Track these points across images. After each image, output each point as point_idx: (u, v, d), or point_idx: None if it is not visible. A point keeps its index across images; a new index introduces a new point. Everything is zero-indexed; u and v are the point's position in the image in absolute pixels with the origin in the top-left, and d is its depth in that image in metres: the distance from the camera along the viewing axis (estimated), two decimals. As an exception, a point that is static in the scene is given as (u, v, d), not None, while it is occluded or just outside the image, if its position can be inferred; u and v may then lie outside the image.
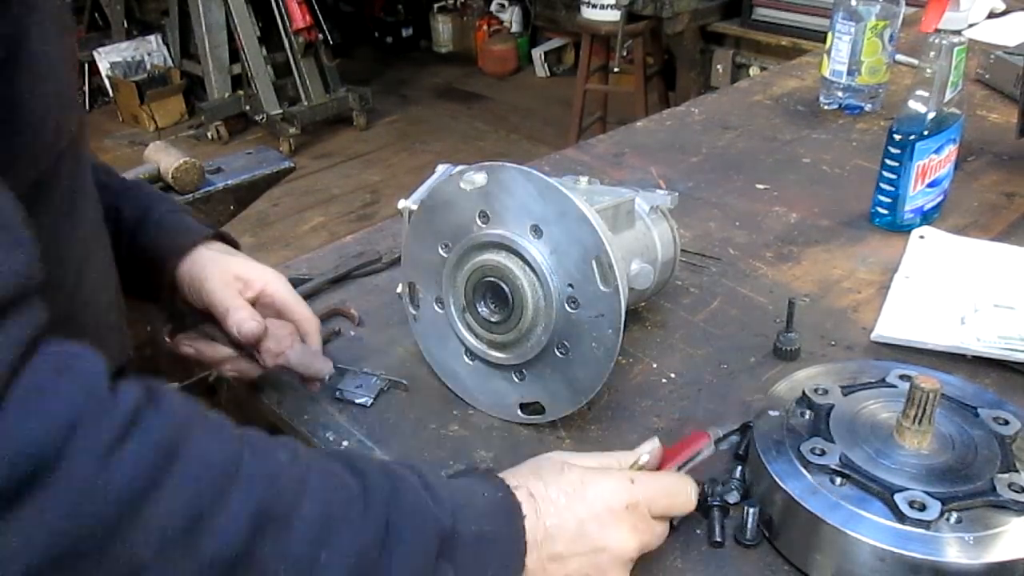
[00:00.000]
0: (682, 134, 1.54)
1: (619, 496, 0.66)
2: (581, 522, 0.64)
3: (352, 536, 0.54)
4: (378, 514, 0.56)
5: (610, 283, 0.77)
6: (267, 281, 0.88)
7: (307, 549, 0.52)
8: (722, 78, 4.03)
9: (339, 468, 0.58)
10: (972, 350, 0.93)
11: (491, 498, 0.63)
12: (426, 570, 0.57)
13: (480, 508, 0.62)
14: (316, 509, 0.54)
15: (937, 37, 1.10)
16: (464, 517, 0.60)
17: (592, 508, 0.65)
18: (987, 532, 0.65)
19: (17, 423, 0.43)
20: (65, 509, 0.44)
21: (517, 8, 5.64)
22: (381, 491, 0.58)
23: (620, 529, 0.65)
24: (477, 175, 0.81)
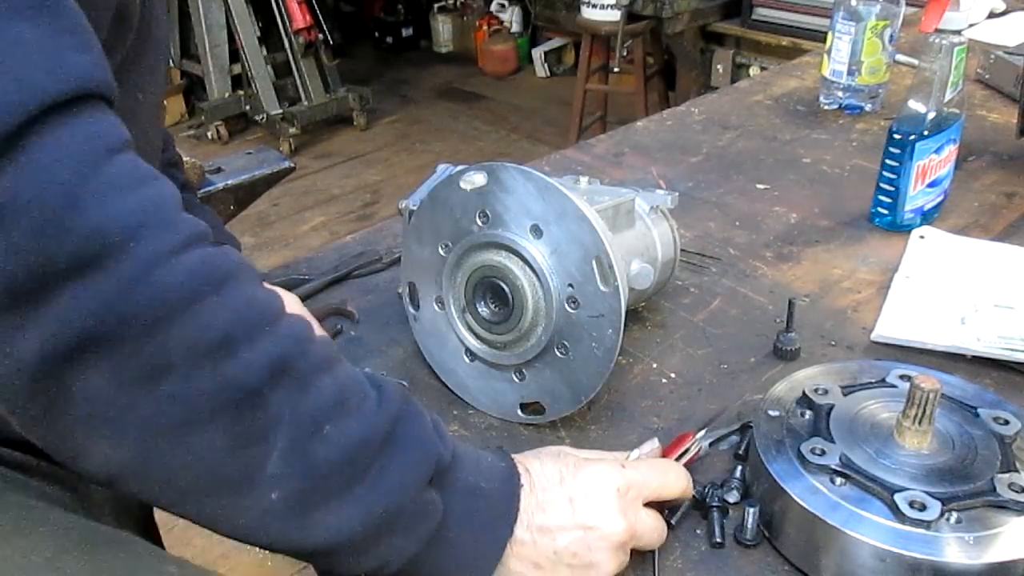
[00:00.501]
0: (682, 134, 1.54)
1: (609, 477, 0.67)
2: (571, 499, 0.65)
3: (358, 425, 0.56)
4: (386, 420, 0.58)
5: (610, 283, 0.77)
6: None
7: (316, 415, 0.54)
8: (722, 78, 4.03)
9: (362, 376, 0.60)
10: (972, 350, 0.93)
11: (492, 462, 0.65)
12: (416, 488, 0.58)
13: (480, 465, 0.64)
14: (333, 387, 0.55)
15: (937, 37, 1.10)
16: (463, 465, 0.62)
17: (583, 487, 0.66)
18: (987, 532, 0.65)
19: (95, 206, 0.46)
20: (114, 293, 0.47)
21: (517, 8, 5.64)
22: (394, 404, 0.59)
23: (609, 509, 0.66)
24: (477, 175, 0.81)
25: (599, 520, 0.65)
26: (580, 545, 0.65)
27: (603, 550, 0.65)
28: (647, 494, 0.69)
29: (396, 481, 0.57)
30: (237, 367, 0.50)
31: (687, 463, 0.77)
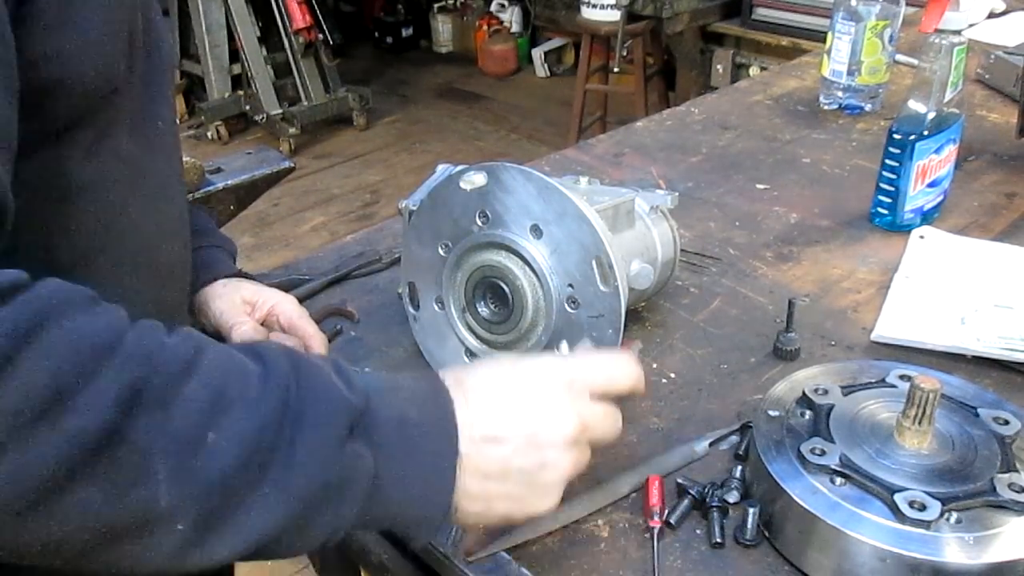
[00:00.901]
0: (682, 134, 1.54)
1: (553, 372, 0.63)
2: (515, 400, 0.61)
3: (246, 416, 0.51)
4: (276, 395, 0.53)
5: (610, 283, 0.77)
6: (276, 302, 0.91)
7: (191, 429, 0.49)
8: (722, 78, 4.02)
9: (237, 352, 0.55)
10: (972, 350, 0.93)
11: (414, 385, 0.60)
12: (336, 450, 0.54)
13: (402, 394, 0.59)
14: (203, 389, 0.50)
15: (937, 37, 1.10)
16: (382, 401, 0.57)
17: (526, 386, 0.62)
18: (987, 532, 0.65)
19: None
20: None
21: (517, 8, 5.64)
22: (281, 373, 0.54)
23: (555, 404, 0.61)
24: (477, 175, 0.81)
25: (546, 418, 0.61)
26: (530, 447, 0.60)
27: (555, 447, 0.61)
28: (597, 387, 0.64)
29: (307, 455, 0.52)
30: (78, 418, 0.45)
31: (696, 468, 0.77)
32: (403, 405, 0.58)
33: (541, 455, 0.60)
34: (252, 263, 3.57)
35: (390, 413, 0.57)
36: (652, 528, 0.74)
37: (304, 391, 0.54)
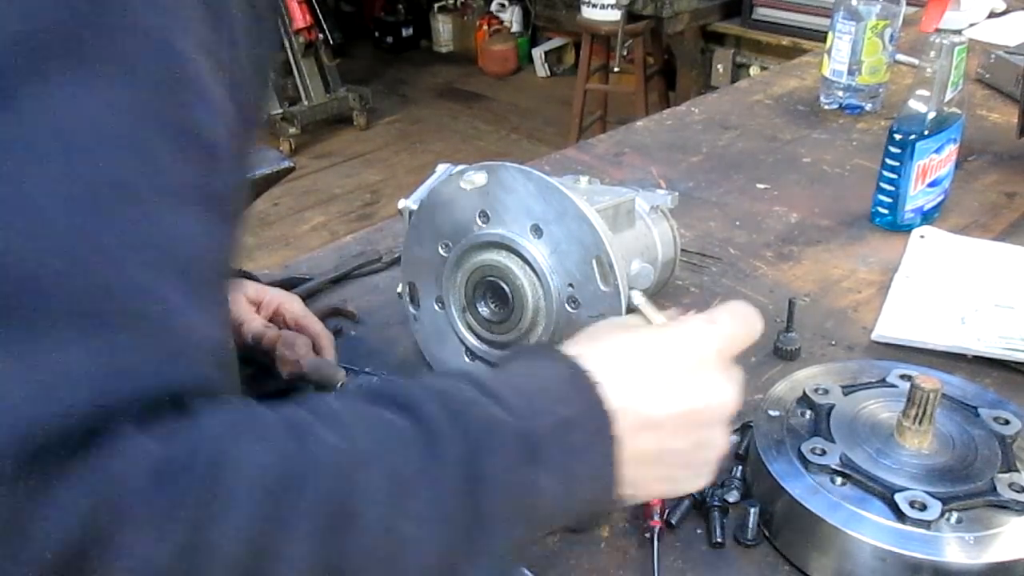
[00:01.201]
0: (682, 134, 1.54)
1: (707, 340, 0.57)
2: (668, 378, 0.55)
3: (430, 490, 0.46)
4: (449, 450, 0.47)
5: (610, 283, 0.77)
6: (281, 301, 0.91)
7: (385, 533, 0.44)
8: (722, 78, 4.03)
9: (383, 412, 0.48)
10: (972, 350, 0.93)
11: (557, 375, 0.53)
12: (521, 487, 0.49)
13: (551, 392, 0.52)
14: (379, 480, 0.45)
15: (937, 37, 1.10)
16: (538, 409, 0.51)
17: (677, 359, 0.55)
18: (988, 532, 0.65)
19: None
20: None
21: (517, 8, 5.63)
22: (441, 421, 0.47)
23: (716, 380, 0.56)
24: (477, 175, 0.81)
25: (705, 394, 0.55)
26: (688, 427, 0.55)
27: (714, 425, 0.57)
28: (738, 348, 0.59)
29: (497, 511, 0.48)
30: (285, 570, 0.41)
31: None
32: (557, 408, 0.51)
33: (699, 435, 0.56)
34: (252, 263, 3.54)
35: (548, 422, 0.51)
36: (652, 528, 0.74)
37: (472, 436, 0.48)
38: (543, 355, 0.56)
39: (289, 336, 0.88)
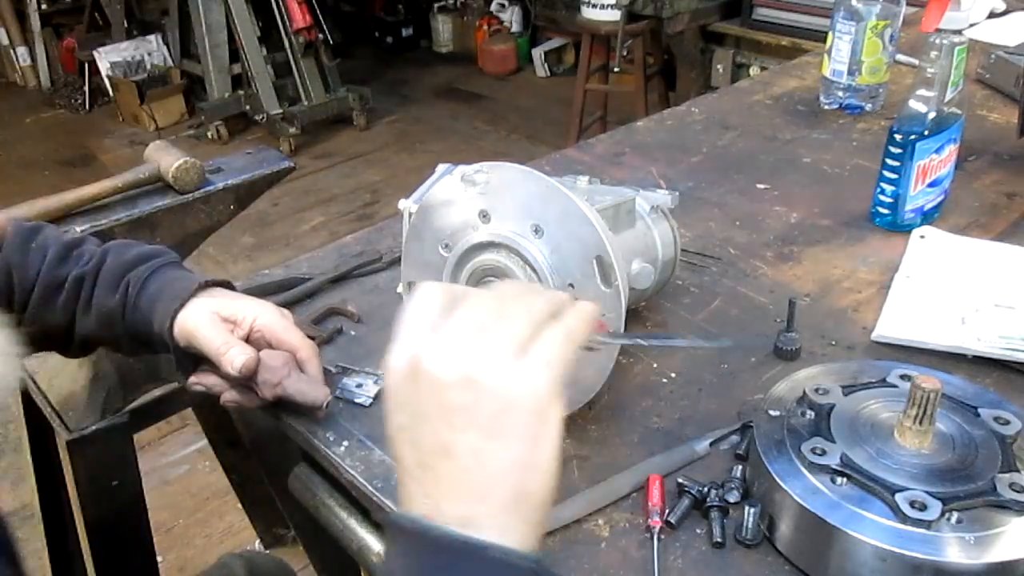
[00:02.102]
0: (682, 134, 1.54)
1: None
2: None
3: None
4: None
5: (611, 283, 0.77)
6: (256, 315, 0.88)
7: None
8: (722, 78, 4.03)
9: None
10: (973, 350, 0.93)
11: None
12: None
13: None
14: None
15: (938, 37, 1.10)
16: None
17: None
18: (988, 532, 0.65)
19: None
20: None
21: (517, 8, 5.64)
22: None
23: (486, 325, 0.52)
24: (477, 175, 0.81)
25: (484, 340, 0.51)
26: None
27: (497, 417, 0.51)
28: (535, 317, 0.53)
29: None
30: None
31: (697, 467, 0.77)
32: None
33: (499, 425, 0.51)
34: (252, 263, 3.58)
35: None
36: (652, 528, 0.74)
37: None
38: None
39: (268, 359, 0.85)
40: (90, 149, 4.84)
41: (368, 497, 0.82)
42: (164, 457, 2.48)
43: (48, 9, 5.64)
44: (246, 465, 1.87)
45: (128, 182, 1.40)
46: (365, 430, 0.88)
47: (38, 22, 5.62)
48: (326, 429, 0.88)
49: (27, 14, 5.62)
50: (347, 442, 0.86)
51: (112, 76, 5.05)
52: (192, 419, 2.12)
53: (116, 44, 5.12)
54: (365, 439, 0.87)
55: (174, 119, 5.03)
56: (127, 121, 5.11)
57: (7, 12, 5.67)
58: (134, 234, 1.38)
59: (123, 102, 5.07)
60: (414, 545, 0.51)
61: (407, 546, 0.51)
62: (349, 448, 0.86)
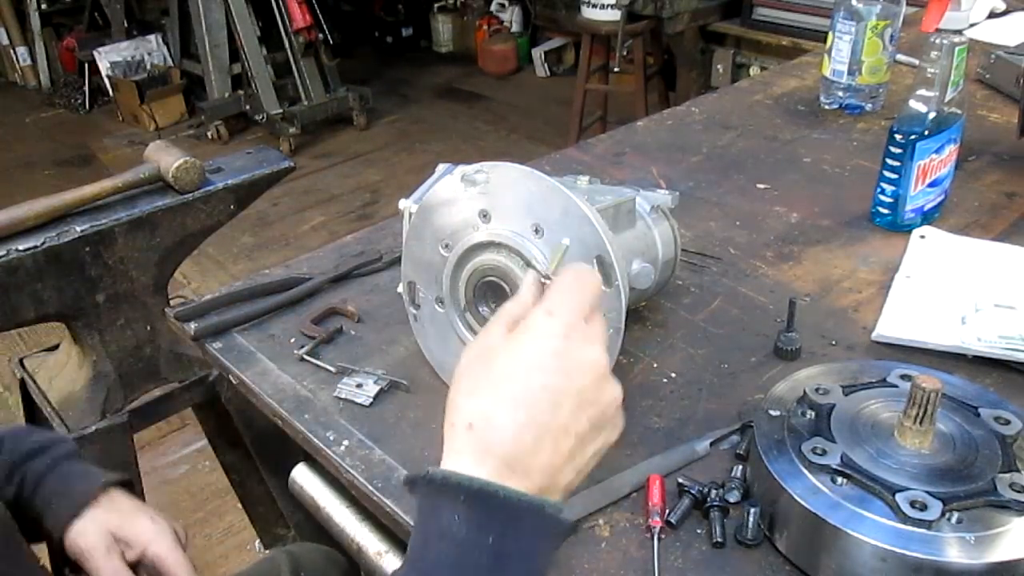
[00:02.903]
0: (682, 134, 1.54)
1: (554, 334, 0.59)
2: (544, 399, 0.57)
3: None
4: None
5: (611, 282, 0.77)
6: (148, 541, 0.89)
7: None
8: (722, 78, 4.03)
9: None
10: (973, 350, 0.93)
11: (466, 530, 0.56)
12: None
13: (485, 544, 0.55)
14: None
15: (938, 37, 1.10)
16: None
17: (541, 374, 0.57)
18: (988, 532, 0.65)
19: None
20: None
21: (517, 8, 5.64)
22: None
23: (579, 357, 0.58)
24: (477, 174, 0.81)
25: (579, 378, 0.58)
26: (582, 413, 0.58)
27: (599, 389, 0.59)
28: (586, 310, 0.61)
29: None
30: None
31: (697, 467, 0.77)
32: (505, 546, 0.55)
33: (590, 411, 0.59)
34: (252, 263, 3.58)
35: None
36: (653, 528, 0.74)
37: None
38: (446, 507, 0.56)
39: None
40: (90, 149, 4.84)
41: (368, 497, 0.82)
42: (164, 457, 2.48)
43: (48, 9, 5.64)
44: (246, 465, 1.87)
45: (128, 182, 1.40)
46: (365, 430, 0.88)
47: (38, 22, 5.62)
48: (326, 429, 0.88)
49: (27, 14, 5.62)
50: (347, 442, 0.86)
51: (112, 76, 5.05)
52: (192, 419, 2.12)
53: (116, 44, 5.12)
54: (365, 439, 0.87)
55: (174, 119, 5.03)
56: (127, 121, 5.11)
57: (7, 12, 5.67)
58: (134, 234, 1.39)
59: (123, 102, 5.07)
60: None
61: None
62: (349, 448, 0.86)
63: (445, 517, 0.55)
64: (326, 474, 0.93)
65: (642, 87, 3.87)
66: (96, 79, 5.23)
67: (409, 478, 0.60)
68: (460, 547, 0.55)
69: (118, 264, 1.40)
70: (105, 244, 1.37)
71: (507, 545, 0.55)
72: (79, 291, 1.38)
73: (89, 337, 1.46)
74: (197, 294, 1.30)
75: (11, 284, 1.29)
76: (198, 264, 3.50)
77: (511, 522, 0.55)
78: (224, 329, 1.04)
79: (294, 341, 1.02)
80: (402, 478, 0.61)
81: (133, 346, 1.50)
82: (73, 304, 1.39)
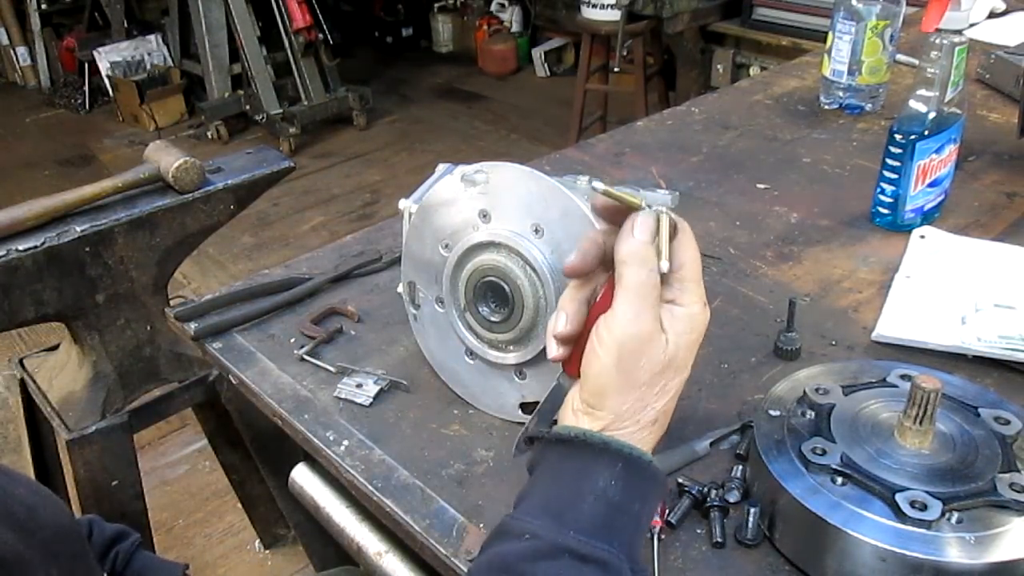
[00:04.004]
0: (682, 134, 1.54)
1: (648, 309, 0.61)
2: (636, 396, 0.61)
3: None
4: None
5: (611, 283, 0.77)
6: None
7: None
8: (722, 78, 4.03)
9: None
10: (973, 350, 0.93)
11: (612, 483, 0.60)
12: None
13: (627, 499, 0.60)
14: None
15: (938, 37, 1.10)
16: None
17: (645, 352, 0.60)
18: (988, 532, 0.65)
19: None
20: None
21: (517, 8, 5.64)
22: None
23: (662, 327, 0.61)
24: (477, 175, 0.81)
25: (670, 347, 0.61)
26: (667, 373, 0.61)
27: (683, 347, 0.62)
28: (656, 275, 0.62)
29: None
30: None
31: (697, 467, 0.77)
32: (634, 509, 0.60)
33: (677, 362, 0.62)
34: (252, 263, 3.58)
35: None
36: (653, 528, 0.74)
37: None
38: (588, 465, 0.60)
39: None
40: (90, 149, 4.84)
41: (368, 497, 0.82)
42: (164, 457, 2.48)
43: (48, 9, 5.64)
44: (246, 465, 1.87)
45: (128, 182, 1.40)
46: (365, 430, 0.88)
47: (38, 22, 5.61)
48: (326, 429, 0.88)
49: (27, 14, 5.62)
50: (347, 442, 0.86)
51: (112, 76, 5.05)
52: (192, 419, 2.12)
53: (116, 44, 5.12)
54: (365, 439, 0.87)
55: (174, 119, 5.03)
56: (127, 121, 5.11)
57: (7, 12, 5.67)
58: (134, 234, 1.39)
59: (123, 102, 5.07)
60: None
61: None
62: (349, 448, 0.86)
63: (603, 478, 0.59)
64: (326, 474, 0.94)
65: (642, 87, 3.87)
66: (96, 79, 5.23)
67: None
68: (613, 508, 0.58)
69: (118, 264, 1.40)
70: (105, 244, 1.37)
71: (645, 509, 0.60)
72: (79, 291, 1.38)
73: (89, 337, 1.46)
74: (197, 294, 1.30)
75: (11, 284, 1.29)
76: (198, 264, 3.50)
77: (652, 490, 0.61)
78: (224, 329, 1.04)
79: (294, 341, 1.02)
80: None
81: (133, 346, 1.50)
82: (73, 304, 1.39)
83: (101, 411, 1.51)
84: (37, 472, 1.68)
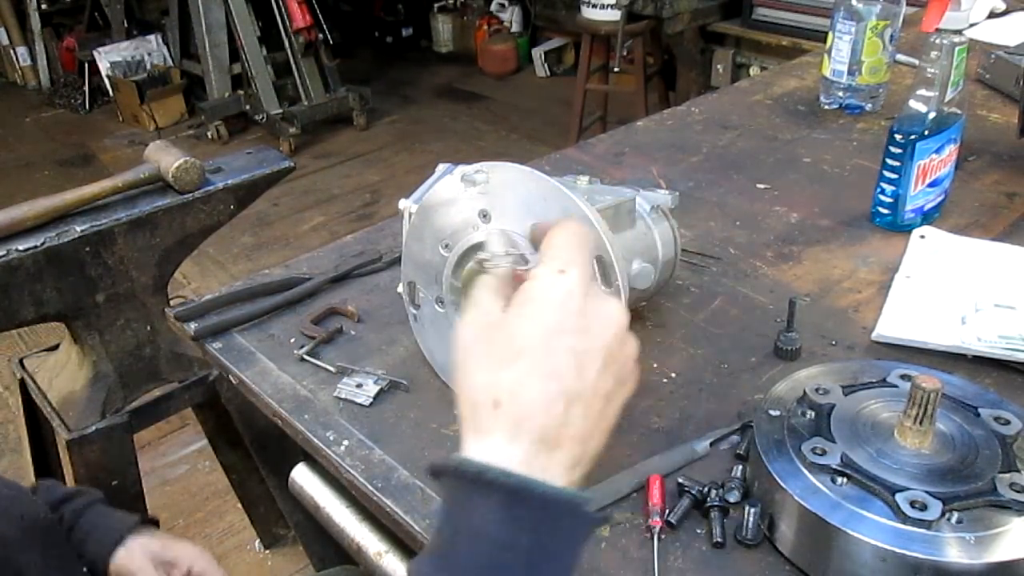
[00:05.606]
0: (682, 134, 1.54)
1: (570, 295, 0.55)
2: (568, 366, 0.54)
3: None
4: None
5: (611, 283, 0.77)
6: (192, 561, 1.01)
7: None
8: (722, 78, 4.03)
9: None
10: (973, 350, 0.93)
11: (498, 522, 0.53)
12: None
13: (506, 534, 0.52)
14: None
15: (938, 37, 1.10)
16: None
17: (562, 339, 0.54)
18: (988, 532, 0.65)
19: None
20: None
21: (517, 8, 5.64)
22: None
23: (597, 314, 0.56)
24: (477, 174, 0.81)
25: (598, 337, 0.56)
26: (606, 370, 0.56)
27: (618, 345, 0.58)
28: (590, 267, 0.58)
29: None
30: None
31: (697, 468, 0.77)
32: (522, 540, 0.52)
33: (612, 368, 0.57)
34: (252, 263, 3.58)
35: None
36: (653, 528, 0.74)
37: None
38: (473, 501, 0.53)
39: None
40: (90, 149, 4.84)
41: (368, 497, 0.82)
42: (164, 457, 2.48)
43: (48, 9, 5.64)
44: (246, 465, 1.87)
45: (128, 182, 1.40)
46: (365, 430, 0.88)
47: (38, 22, 5.61)
48: (326, 428, 0.88)
49: (27, 14, 5.62)
50: (347, 442, 0.86)
51: (112, 76, 5.05)
52: (192, 419, 2.12)
53: (116, 44, 5.12)
54: (365, 439, 0.87)
55: (174, 119, 5.03)
56: (127, 121, 5.11)
57: (7, 12, 5.67)
58: (134, 234, 1.39)
59: (123, 102, 5.07)
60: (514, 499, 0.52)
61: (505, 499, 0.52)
62: (349, 448, 0.86)
63: (479, 515, 0.52)
64: (326, 474, 0.93)
65: (642, 87, 3.87)
66: (96, 79, 5.23)
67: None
68: (494, 547, 0.51)
69: (118, 264, 1.40)
70: (105, 244, 1.37)
71: (542, 544, 0.52)
72: (79, 291, 1.38)
73: (89, 337, 1.46)
74: (197, 294, 1.30)
75: (11, 284, 1.29)
76: (198, 264, 3.50)
77: (547, 521, 0.52)
78: (224, 329, 1.04)
79: (294, 341, 1.02)
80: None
81: (133, 346, 1.50)
82: (73, 304, 1.39)
83: (101, 411, 1.51)
84: (37, 472, 1.68)
